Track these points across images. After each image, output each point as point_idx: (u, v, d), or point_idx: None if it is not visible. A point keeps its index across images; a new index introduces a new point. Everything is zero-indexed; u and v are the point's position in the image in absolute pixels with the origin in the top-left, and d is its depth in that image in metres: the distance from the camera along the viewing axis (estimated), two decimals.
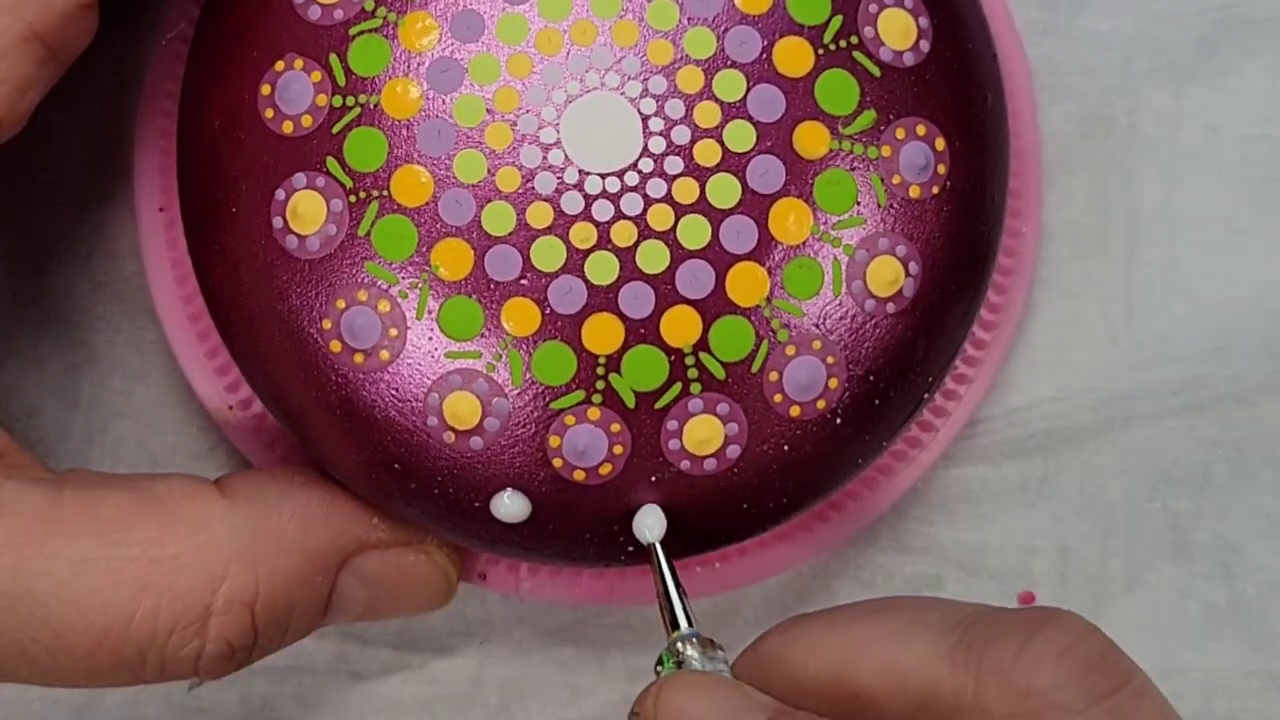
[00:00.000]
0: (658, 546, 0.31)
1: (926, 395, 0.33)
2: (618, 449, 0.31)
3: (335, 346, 0.31)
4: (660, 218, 0.31)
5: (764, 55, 0.31)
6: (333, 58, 0.31)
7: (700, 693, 0.28)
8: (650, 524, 0.31)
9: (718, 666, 0.29)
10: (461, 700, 0.38)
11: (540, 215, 0.31)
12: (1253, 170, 0.38)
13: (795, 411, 0.31)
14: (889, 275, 0.31)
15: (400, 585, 0.33)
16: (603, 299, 0.31)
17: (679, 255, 0.31)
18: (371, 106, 0.31)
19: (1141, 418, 0.38)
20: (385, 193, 0.31)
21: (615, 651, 0.38)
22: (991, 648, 0.26)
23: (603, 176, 0.31)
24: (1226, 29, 0.38)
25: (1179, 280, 0.38)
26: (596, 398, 0.31)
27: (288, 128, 0.31)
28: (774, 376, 0.31)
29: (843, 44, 0.32)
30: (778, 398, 0.31)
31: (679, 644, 0.30)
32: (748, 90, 0.31)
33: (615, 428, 0.31)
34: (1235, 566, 0.38)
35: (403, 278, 0.31)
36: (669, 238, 0.31)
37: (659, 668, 0.30)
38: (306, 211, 0.31)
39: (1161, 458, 0.38)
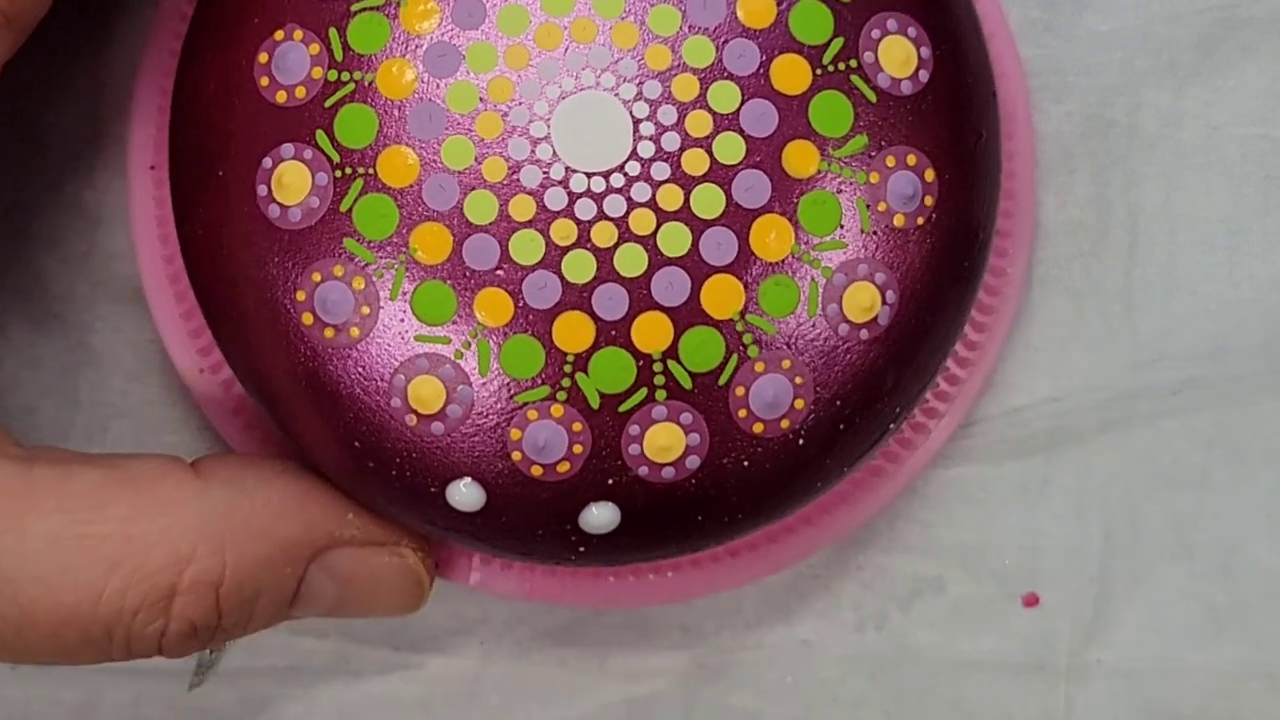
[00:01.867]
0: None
1: (892, 425, 0.33)
2: (577, 448, 0.31)
3: (307, 319, 0.31)
4: (642, 222, 0.31)
5: (761, 70, 0.31)
6: (332, 32, 0.31)
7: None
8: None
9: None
10: (461, 700, 0.38)
11: (523, 208, 0.31)
12: (1253, 170, 0.38)
13: (759, 428, 0.31)
14: (865, 301, 0.31)
15: (370, 585, 0.33)
16: (577, 297, 0.31)
17: (657, 261, 0.31)
18: (366, 84, 0.31)
19: (1141, 418, 0.38)
20: (371, 171, 0.31)
21: (615, 651, 0.38)
22: None
23: (588, 175, 0.31)
24: (1226, 28, 0.38)
25: (1179, 280, 0.38)
26: (561, 395, 0.31)
27: (281, 97, 0.31)
28: (740, 391, 0.31)
29: (842, 66, 0.32)
30: (742, 413, 0.31)
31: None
32: (742, 103, 0.31)
33: (577, 427, 0.31)
34: (1235, 566, 0.38)
35: (380, 257, 0.31)
36: (648, 243, 0.31)
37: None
38: (291, 182, 0.31)
39: (1161, 458, 0.38)
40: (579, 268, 0.31)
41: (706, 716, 0.38)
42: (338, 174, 0.31)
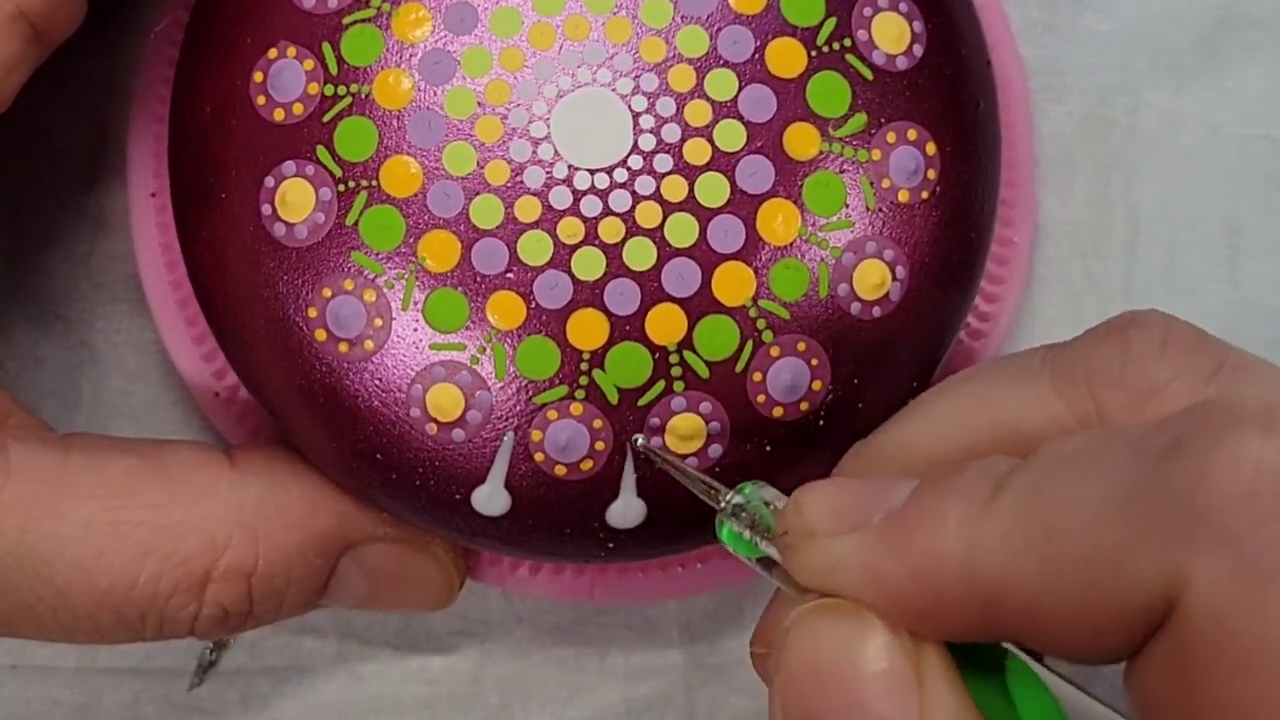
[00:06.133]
0: (651, 449, 0.30)
1: (910, 401, 0.33)
2: (599, 445, 0.31)
3: (320, 335, 0.31)
4: (648, 215, 0.31)
5: (756, 55, 0.31)
6: (325, 46, 0.31)
7: (833, 489, 0.26)
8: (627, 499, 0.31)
9: (783, 500, 0.27)
10: (461, 700, 0.38)
11: (528, 209, 0.31)
12: (1253, 170, 0.38)
13: (778, 412, 0.31)
14: (875, 279, 0.31)
15: (401, 580, 0.33)
16: (588, 295, 0.31)
17: (666, 253, 0.31)
18: (363, 96, 0.31)
19: None
20: (374, 183, 0.31)
21: (615, 651, 0.38)
22: (1094, 366, 0.26)
23: (592, 172, 0.31)
24: (1227, 29, 0.38)
25: (1179, 280, 0.38)
26: (579, 393, 0.31)
27: (279, 115, 0.31)
28: (757, 377, 0.31)
29: (836, 46, 0.32)
30: (761, 398, 0.31)
31: (742, 500, 0.28)
32: (739, 90, 0.31)
33: (597, 424, 0.31)
34: None
35: (389, 268, 0.31)
36: (656, 235, 0.31)
37: (726, 525, 0.28)
38: (295, 199, 0.31)
39: None
40: (589, 265, 0.31)
41: (706, 716, 0.38)
42: (341, 188, 0.31)
